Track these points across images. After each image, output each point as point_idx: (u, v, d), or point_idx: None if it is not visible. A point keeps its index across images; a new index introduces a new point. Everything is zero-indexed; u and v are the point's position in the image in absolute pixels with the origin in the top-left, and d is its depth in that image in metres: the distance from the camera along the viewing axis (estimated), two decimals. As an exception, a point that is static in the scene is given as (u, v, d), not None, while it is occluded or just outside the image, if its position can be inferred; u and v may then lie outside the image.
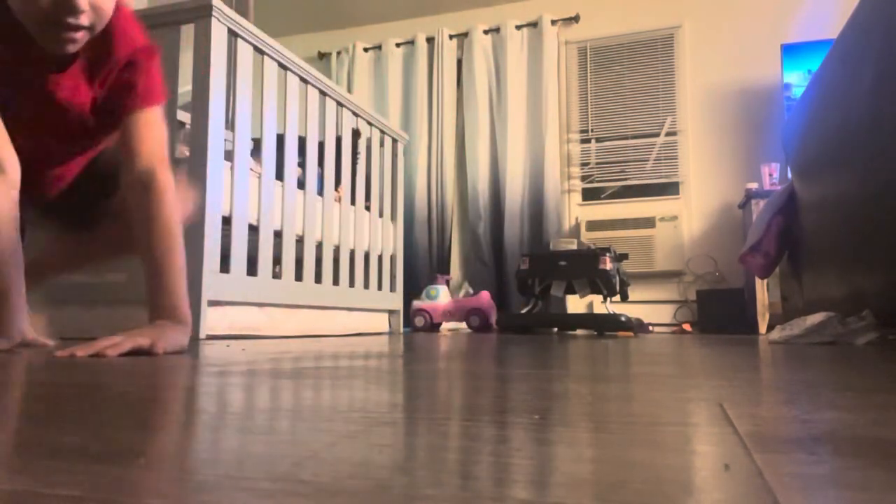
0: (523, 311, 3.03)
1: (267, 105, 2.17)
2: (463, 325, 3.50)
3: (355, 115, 2.85)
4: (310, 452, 0.27)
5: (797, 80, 3.50)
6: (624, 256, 3.02)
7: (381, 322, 3.08)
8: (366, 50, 4.46)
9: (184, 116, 2.16)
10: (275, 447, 0.28)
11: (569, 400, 0.46)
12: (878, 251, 1.51)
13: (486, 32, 4.24)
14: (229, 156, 2.00)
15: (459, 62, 4.30)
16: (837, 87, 1.75)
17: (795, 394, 0.50)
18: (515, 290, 3.32)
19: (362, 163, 2.92)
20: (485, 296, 3.47)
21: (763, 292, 3.16)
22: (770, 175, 3.39)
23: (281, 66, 2.27)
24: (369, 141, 3.01)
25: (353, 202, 2.80)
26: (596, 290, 2.85)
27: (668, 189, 3.96)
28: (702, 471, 0.25)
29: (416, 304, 3.48)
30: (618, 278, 2.86)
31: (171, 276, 1.18)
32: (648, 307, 3.81)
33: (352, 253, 2.78)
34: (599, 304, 3.03)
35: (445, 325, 3.63)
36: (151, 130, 1.24)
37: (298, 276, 2.36)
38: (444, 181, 4.18)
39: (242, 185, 2.04)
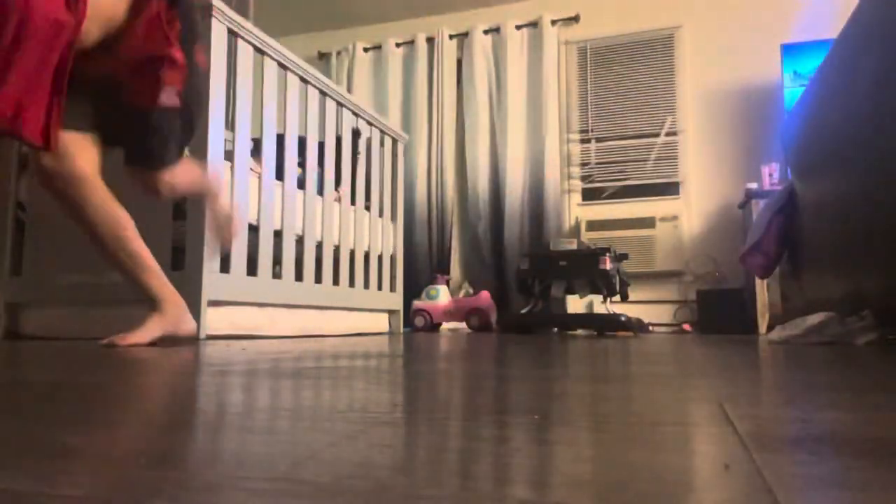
0: (523, 311, 3.03)
1: (267, 105, 2.17)
2: (463, 325, 3.50)
3: (355, 115, 2.85)
4: (310, 452, 0.27)
5: (790, 81, 3.50)
6: (624, 256, 3.02)
7: (381, 322, 3.08)
8: (366, 50, 4.46)
9: (184, 116, 2.15)
10: (275, 447, 0.28)
11: (569, 400, 0.46)
12: (878, 251, 1.51)
13: (486, 32, 4.24)
14: (229, 156, 2.00)
15: (459, 62, 4.30)
16: (837, 87, 1.75)
17: (795, 394, 0.50)
18: (515, 290, 3.32)
19: (362, 163, 2.92)
20: (485, 296, 3.47)
21: (763, 292, 3.16)
22: (770, 175, 3.39)
23: (281, 65, 2.27)
24: (369, 141, 3.01)
25: (353, 202, 2.80)
26: (596, 290, 2.85)
27: (668, 189, 3.96)
28: (702, 471, 0.25)
29: (416, 304, 3.48)
30: (618, 278, 2.86)
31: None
32: (648, 307, 3.81)
33: (352, 253, 2.78)
34: (599, 304, 3.03)
35: (445, 325, 3.63)
36: None
37: (298, 276, 2.36)
38: (444, 181, 4.17)
39: (242, 185, 2.04)
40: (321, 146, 2.57)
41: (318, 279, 2.50)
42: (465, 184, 4.20)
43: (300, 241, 2.39)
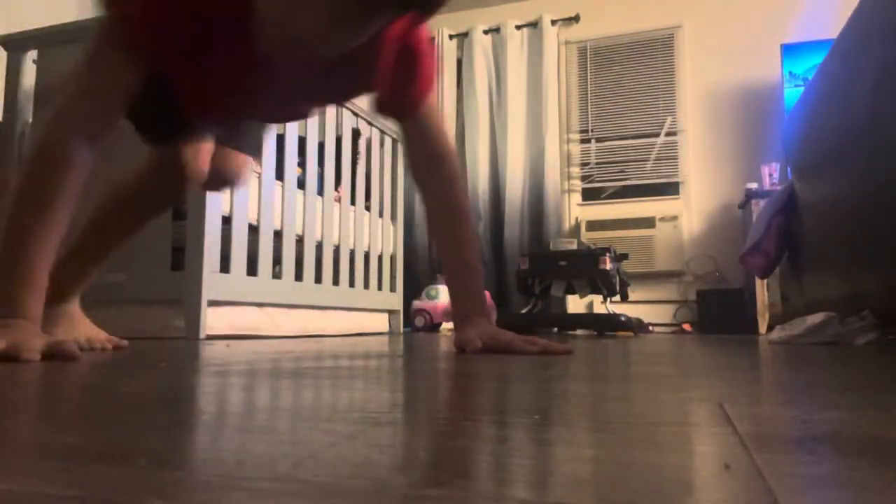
0: (523, 311, 3.03)
1: (267, 105, 2.17)
2: (463, 325, 3.49)
3: (355, 115, 2.85)
4: (310, 452, 0.27)
5: (786, 82, 3.50)
6: (624, 256, 3.02)
7: (381, 322, 3.08)
8: (366, 50, 4.46)
9: (184, 116, 2.15)
10: (275, 447, 0.28)
11: (569, 400, 0.46)
12: (878, 251, 1.51)
13: (486, 32, 4.24)
14: (229, 156, 2.00)
15: (459, 62, 4.30)
16: (837, 87, 1.75)
17: (795, 394, 0.50)
18: (515, 290, 3.32)
19: (362, 163, 2.92)
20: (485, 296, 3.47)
21: (763, 292, 3.16)
22: (770, 175, 3.39)
23: (281, 66, 2.26)
24: (369, 141, 3.01)
25: (353, 202, 2.80)
26: (596, 290, 2.85)
27: (668, 189, 3.96)
28: (702, 471, 0.25)
29: (416, 304, 3.48)
30: (618, 278, 2.86)
31: (469, 269, 1.15)
32: (648, 307, 3.81)
33: (352, 253, 2.78)
34: (599, 304, 3.03)
35: (445, 325, 3.63)
36: (432, 109, 1.18)
37: (298, 276, 2.36)
38: (444, 181, 4.17)
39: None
40: (321, 146, 2.57)
41: (318, 279, 2.50)
42: (464, 184, 4.20)
43: (300, 241, 2.39)
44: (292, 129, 2.33)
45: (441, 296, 3.50)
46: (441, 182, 1.16)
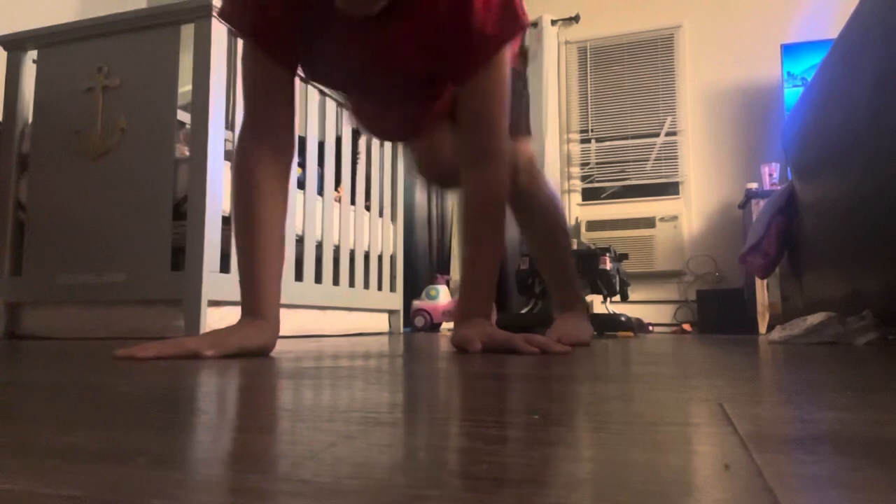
0: (523, 311, 3.03)
1: (267, 105, 2.17)
2: (463, 325, 3.50)
3: (355, 115, 2.84)
4: (310, 452, 0.27)
5: (786, 82, 3.50)
6: (624, 256, 3.02)
7: (381, 322, 3.08)
8: (366, 50, 4.46)
9: (184, 116, 2.16)
10: (275, 447, 0.28)
11: (569, 400, 0.46)
12: (878, 251, 1.51)
13: (486, 32, 4.24)
14: (229, 156, 2.00)
15: (459, 62, 4.30)
16: (837, 87, 1.75)
17: (795, 394, 0.50)
18: (515, 290, 3.32)
19: (362, 163, 2.92)
20: (485, 296, 3.47)
21: (763, 292, 3.16)
22: (770, 175, 3.39)
23: (281, 66, 2.26)
24: (369, 141, 3.01)
25: (353, 202, 2.80)
26: (596, 290, 2.85)
27: (668, 189, 3.96)
28: (702, 471, 0.25)
29: (416, 304, 3.48)
30: (618, 278, 2.86)
31: (481, 273, 1.11)
32: (648, 307, 3.81)
33: (352, 253, 2.78)
34: (599, 304, 3.03)
35: (445, 325, 3.63)
36: (492, 91, 1.04)
37: (298, 276, 2.36)
38: (444, 181, 4.18)
39: (242, 185, 2.04)
40: (321, 146, 2.57)
41: (318, 279, 2.50)
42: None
43: (300, 241, 2.39)
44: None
45: (441, 296, 3.50)
46: (476, 183, 1.10)
